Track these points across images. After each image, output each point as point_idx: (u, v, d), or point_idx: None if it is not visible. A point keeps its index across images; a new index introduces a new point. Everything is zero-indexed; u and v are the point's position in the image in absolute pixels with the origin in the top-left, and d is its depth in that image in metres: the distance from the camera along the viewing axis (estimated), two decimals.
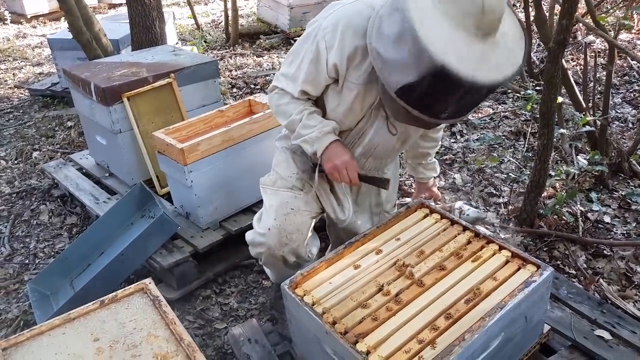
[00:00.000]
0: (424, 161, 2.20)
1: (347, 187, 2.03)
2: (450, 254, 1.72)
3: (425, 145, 2.14)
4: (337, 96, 1.77)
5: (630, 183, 3.06)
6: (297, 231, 1.89)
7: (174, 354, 1.55)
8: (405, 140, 1.92)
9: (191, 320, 2.34)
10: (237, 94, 4.99)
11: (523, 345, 1.68)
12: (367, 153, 1.91)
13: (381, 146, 1.89)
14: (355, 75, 1.68)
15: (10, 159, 4.01)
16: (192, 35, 7.09)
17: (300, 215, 1.91)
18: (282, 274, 2.01)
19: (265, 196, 1.99)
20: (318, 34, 1.66)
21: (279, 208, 1.91)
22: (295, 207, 1.92)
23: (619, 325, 1.86)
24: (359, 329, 1.48)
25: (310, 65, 1.71)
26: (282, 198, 1.93)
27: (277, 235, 1.88)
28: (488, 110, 4.20)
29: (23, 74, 6.11)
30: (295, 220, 1.90)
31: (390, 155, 1.99)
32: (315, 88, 1.77)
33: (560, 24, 2.10)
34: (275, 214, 1.91)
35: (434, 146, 2.18)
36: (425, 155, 2.18)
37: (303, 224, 1.91)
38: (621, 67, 4.68)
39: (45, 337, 1.62)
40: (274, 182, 1.98)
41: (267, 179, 2.02)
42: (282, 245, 1.89)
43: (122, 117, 2.83)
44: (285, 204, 1.92)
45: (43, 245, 2.98)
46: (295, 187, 1.94)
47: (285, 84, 1.80)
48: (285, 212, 1.90)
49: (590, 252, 2.56)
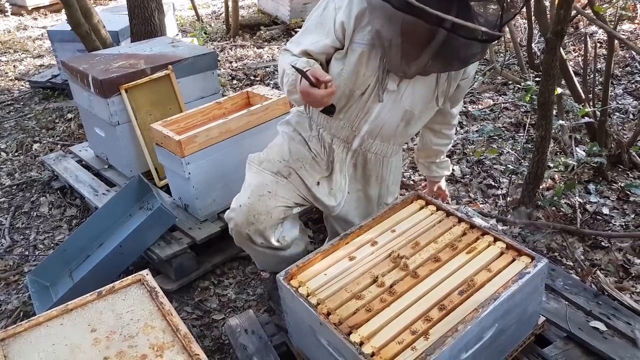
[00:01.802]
0: (437, 159, 2.23)
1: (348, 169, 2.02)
2: (445, 246, 1.73)
3: (438, 142, 2.16)
4: (341, 61, 1.78)
5: (630, 174, 3.05)
6: (266, 213, 1.90)
7: (170, 345, 1.56)
8: (410, 121, 1.91)
9: (189, 311, 2.36)
10: (237, 86, 4.98)
11: (517, 337, 1.68)
12: (372, 132, 1.90)
13: (387, 125, 1.89)
14: (360, 35, 1.72)
15: (10, 151, 4.02)
16: (193, 27, 7.07)
17: (274, 200, 1.92)
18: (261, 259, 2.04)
19: (249, 173, 2.01)
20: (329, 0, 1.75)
21: (256, 188, 1.93)
22: (273, 191, 1.93)
23: (614, 317, 1.86)
24: (353, 320, 1.49)
25: (318, 27, 1.77)
26: (263, 179, 1.95)
27: (246, 213, 1.90)
28: (488, 102, 4.18)
29: (24, 66, 6.11)
30: (268, 204, 1.90)
31: (396, 137, 1.97)
32: (318, 48, 1.79)
33: (557, 14, 2.08)
34: (250, 193, 1.92)
35: (447, 144, 2.19)
36: (438, 153, 2.21)
37: (275, 209, 1.91)
38: (623, 57, 4.65)
39: (43, 328, 1.63)
40: (261, 162, 1.99)
41: (255, 157, 2.03)
42: (248, 223, 1.90)
43: (120, 109, 2.83)
44: (264, 185, 1.93)
45: (43, 237, 2.99)
46: (280, 173, 1.95)
47: (290, 46, 1.85)
48: (260, 193, 1.91)
49: (588, 244, 2.55)
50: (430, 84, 1.82)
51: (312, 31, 1.79)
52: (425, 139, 2.22)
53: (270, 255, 2.03)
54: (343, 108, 1.87)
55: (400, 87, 1.80)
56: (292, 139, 2.00)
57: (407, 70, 1.66)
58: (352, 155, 1.99)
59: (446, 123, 2.13)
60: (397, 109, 1.84)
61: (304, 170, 1.97)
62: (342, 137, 1.94)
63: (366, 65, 1.75)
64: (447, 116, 2.09)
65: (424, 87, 1.82)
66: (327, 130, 1.95)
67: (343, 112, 1.88)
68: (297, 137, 2.00)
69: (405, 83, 1.79)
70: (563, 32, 2.16)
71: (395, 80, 1.78)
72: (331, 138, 1.95)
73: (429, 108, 1.91)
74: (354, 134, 1.91)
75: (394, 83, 1.79)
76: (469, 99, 4.26)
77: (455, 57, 1.61)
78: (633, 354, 1.71)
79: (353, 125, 1.90)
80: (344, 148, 1.96)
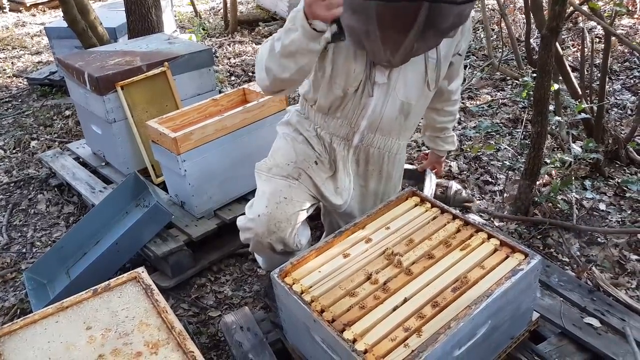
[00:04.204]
0: (442, 135, 2.21)
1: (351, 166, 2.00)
2: (439, 243, 1.73)
3: (442, 120, 2.15)
4: (329, 62, 1.75)
5: (627, 170, 3.05)
6: (287, 220, 1.88)
7: (165, 342, 1.57)
8: (408, 113, 1.89)
9: (186, 308, 2.37)
10: (235, 82, 4.97)
11: (511, 333, 1.69)
12: (372, 127, 1.88)
13: (385, 119, 1.86)
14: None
15: (8, 148, 4.02)
16: (191, 23, 7.05)
17: (292, 206, 1.90)
18: (272, 262, 2.02)
19: (260, 182, 1.97)
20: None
21: (271, 195, 1.90)
22: (289, 196, 1.90)
23: (609, 313, 1.87)
24: (346, 317, 1.50)
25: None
26: (276, 186, 1.92)
27: (267, 222, 1.88)
28: (486, 98, 4.18)
29: (22, 62, 6.11)
30: (287, 210, 1.89)
31: (396, 131, 1.94)
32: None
33: (552, 10, 2.08)
34: (267, 202, 1.90)
35: (451, 120, 2.17)
36: (443, 129, 2.19)
37: (294, 215, 1.90)
38: (622, 53, 4.64)
39: (39, 326, 1.64)
40: (270, 168, 1.96)
41: (263, 164, 2.00)
42: (270, 233, 1.88)
43: (116, 107, 2.83)
44: (278, 192, 1.90)
45: (40, 234, 3.00)
46: (290, 176, 1.93)
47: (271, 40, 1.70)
48: (277, 201, 1.89)
49: (584, 240, 2.56)
50: (420, 69, 1.78)
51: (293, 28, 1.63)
52: (428, 118, 2.20)
53: (279, 259, 2.02)
54: (339, 107, 1.86)
55: (391, 78, 1.77)
56: (294, 139, 1.98)
57: (392, 59, 1.62)
58: (354, 152, 1.97)
59: (447, 100, 2.09)
60: (393, 101, 1.82)
61: (311, 170, 1.95)
62: (341, 135, 1.93)
63: (355, 62, 1.72)
64: (446, 93, 2.06)
65: (415, 74, 1.78)
66: (326, 130, 1.94)
67: (340, 110, 1.87)
68: (300, 137, 1.97)
69: (396, 73, 1.76)
70: (558, 29, 2.16)
71: (383, 72, 1.75)
72: (330, 137, 1.94)
73: (423, 95, 1.88)
74: (354, 131, 1.90)
75: (383, 75, 1.76)
76: (466, 95, 4.25)
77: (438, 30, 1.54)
78: (626, 350, 1.71)
79: (351, 122, 1.88)
80: (344, 146, 1.95)
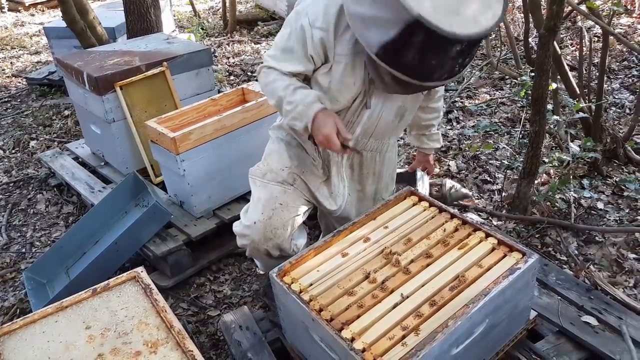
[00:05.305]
0: (427, 132, 2.21)
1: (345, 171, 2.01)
2: (437, 242, 1.74)
3: (427, 117, 2.14)
4: (327, 75, 1.74)
5: (625, 169, 3.06)
6: (283, 227, 1.87)
7: (164, 341, 1.57)
8: (403, 115, 1.90)
9: (185, 307, 2.37)
10: (234, 82, 4.98)
11: (509, 332, 1.70)
12: (367, 133, 1.89)
13: (380, 125, 1.87)
14: (340, 47, 1.67)
15: (7, 148, 4.03)
16: (190, 22, 7.05)
17: (288, 212, 1.89)
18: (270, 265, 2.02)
19: (254, 188, 1.96)
20: (301, 11, 1.67)
21: (267, 202, 1.89)
22: (284, 202, 1.89)
23: (606, 312, 1.87)
24: (344, 316, 1.50)
25: (296, 44, 1.69)
26: (271, 192, 1.90)
27: (263, 229, 1.86)
28: (485, 97, 4.18)
29: (21, 62, 6.10)
30: (283, 216, 1.88)
31: (390, 133, 1.96)
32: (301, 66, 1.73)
33: (550, 9, 2.08)
34: (263, 208, 1.88)
35: (436, 117, 2.17)
36: (429, 126, 2.19)
37: (290, 220, 1.89)
38: (620, 52, 4.64)
39: (38, 325, 1.65)
40: (264, 174, 1.94)
41: (257, 169, 1.98)
42: (266, 240, 1.87)
43: (115, 107, 2.84)
44: (274, 198, 1.89)
45: (40, 234, 3.00)
46: (285, 182, 1.91)
47: (272, 62, 1.77)
48: (273, 207, 1.88)
49: (582, 239, 2.56)
50: None
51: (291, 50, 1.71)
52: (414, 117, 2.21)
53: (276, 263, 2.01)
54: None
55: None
56: (288, 144, 1.97)
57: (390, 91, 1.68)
58: (347, 157, 1.98)
59: (431, 97, 2.10)
60: (391, 106, 1.84)
61: (306, 174, 1.94)
62: None
63: (353, 75, 1.72)
64: (431, 92, 2.06)
65: None
66: None
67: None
68: (294, 142, 1.96)
69: None
70: (556, 28, 2.16)
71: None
72: None
73: (417, 97, 1.91)
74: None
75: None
76: (465, 94, 4.26)
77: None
78: (623, 348, 1.72)
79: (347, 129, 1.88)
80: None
